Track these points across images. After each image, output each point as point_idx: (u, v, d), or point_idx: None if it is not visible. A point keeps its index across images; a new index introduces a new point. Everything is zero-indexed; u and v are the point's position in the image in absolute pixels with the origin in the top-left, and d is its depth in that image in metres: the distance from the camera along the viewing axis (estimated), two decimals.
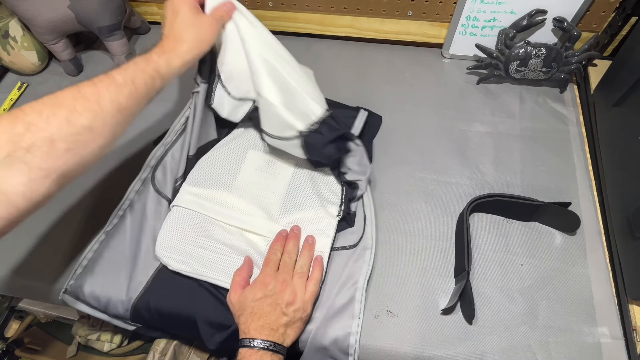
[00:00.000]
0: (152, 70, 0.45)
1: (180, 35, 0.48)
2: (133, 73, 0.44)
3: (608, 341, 0.48)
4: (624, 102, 0.57)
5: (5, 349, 0.91)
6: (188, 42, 0.48)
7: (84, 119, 0.39)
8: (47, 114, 0.37)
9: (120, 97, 0.42)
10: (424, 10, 0.71)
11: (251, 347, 0.43)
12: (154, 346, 0.65)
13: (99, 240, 0.55)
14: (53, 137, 0.37)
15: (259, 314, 0.46)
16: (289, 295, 0.47)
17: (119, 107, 0.42)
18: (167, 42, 0.48)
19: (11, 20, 0.73)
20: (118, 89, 0.42)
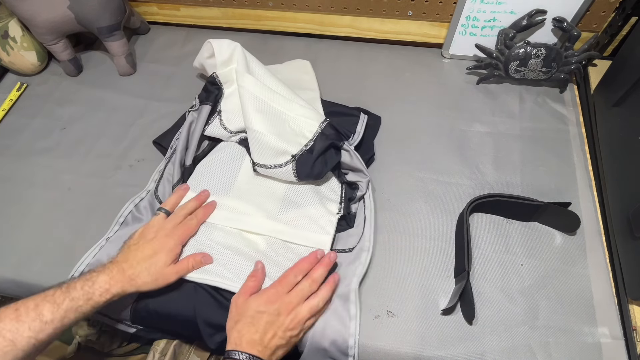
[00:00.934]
0: (89, 308, 0.45)
1: (137, 277, 0.48)
2: (65, 311, 0.43)
3: (608, 341, 0.48)
4: (624, 102, 0.57)
5: None
6: (139, 286, 0.48)
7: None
8: None
9: (40, 335, 0.41)
10: (424, 10, 0.71)
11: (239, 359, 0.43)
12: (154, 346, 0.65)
13: (100, 245, 0.55)
14: None
15: (256, 328, 0.45)
16: (292, 321, 0.46)
17: (36, 344, 0.41)
18: (120, 279, 0.47)
19: (11, 20, 0.73)
20: (42, 326, 0.41)
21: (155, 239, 0.51)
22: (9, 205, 0.62)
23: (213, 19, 0.83)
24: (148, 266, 0.48)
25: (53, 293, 0.44)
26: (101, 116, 0.73)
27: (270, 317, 0.46)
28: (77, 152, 0.68)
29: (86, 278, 0.46)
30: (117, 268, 0.47)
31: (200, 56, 0.68)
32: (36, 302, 0.42)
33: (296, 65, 0.75)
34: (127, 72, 0.78)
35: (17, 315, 0.41)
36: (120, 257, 0.49)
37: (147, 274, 0.48)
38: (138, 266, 0.48)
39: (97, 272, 0.47)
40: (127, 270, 0.47)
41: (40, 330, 0.41)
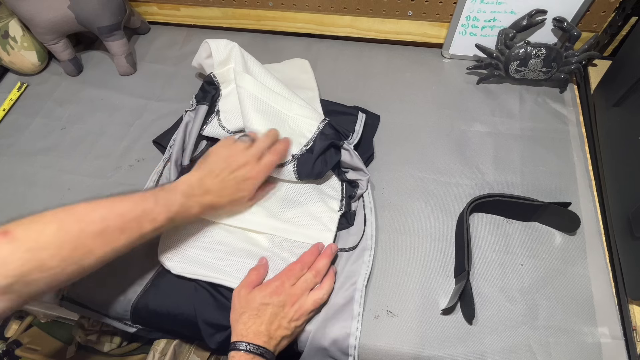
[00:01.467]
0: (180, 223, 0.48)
1: (221, 208, 0.52)
2: (160, 228, 0.45)
3: (608, 341, 0.48)
4: (624, 102, 0.57)
5: (5, 349, 0.91)
6: (218, 215, 0.54)
7: (94, 261, 0.40)
8: (63, 255, 0.37)
9: (136, 245, 0.44)
10: (424, 10, 0.71)
11: (247, 351, 0.43)
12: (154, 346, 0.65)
13: None
14: (57, 276, 0.37)
15: (262, 319, 0.46)
16: (296, 312, 0.47)
17: (129, 250, 0.43)
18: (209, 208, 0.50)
19: (11, 20, 0.73)
20: (140, 239, 0.44)
21: (239, 173, 0.51)
22: (9, 205, 0.62)
23: (213, 19, 0.83)
24: (232, 202, 0.52)
25: (153, 208, 0.44)
26: (101, 116, 0.73)
27: (275, 309, 0.46)
28: (77, 152, 0.68)
29: (183, 203, 0.47)
30: (208, 201, 0.50)
31: (199, 56, 0.68)
32: (138, 213, 0.43)
33: (295, 64, 0.75)
34: (127, 72, 0.78)
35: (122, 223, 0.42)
36: (209, 186, 0.50)
37: (230, 206, 0.52)
38: (223, 200, 0.51)
39: (188, 197, 0.48)
40: (216, 203, 0.50)
41: (136, 240, 0.44)
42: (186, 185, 0.49)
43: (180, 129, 0.63)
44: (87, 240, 0.39)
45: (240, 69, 0.62)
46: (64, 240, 0.38)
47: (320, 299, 0.49)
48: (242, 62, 0.62)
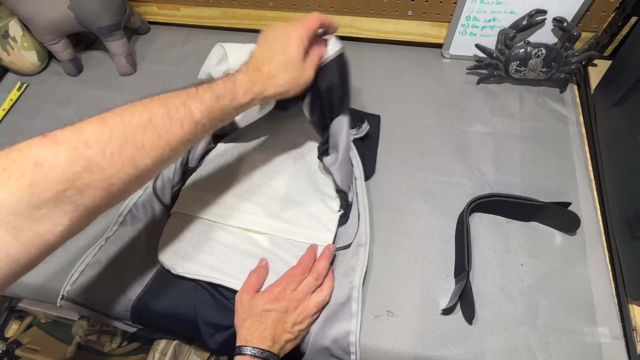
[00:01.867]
0: (232, 109, 0.42)
1: (275, 75, 0.44)
2: (211, 110, 0.39)
3: (608, 341, 0.48)
4: (624, 102, 0.57)
5: (5, 349, 0.91)
6: (280, 86, 0.44)
7: (149, 159, 0.35)
8: (112, 150, 0.33)
9: (190, 136, 0.38)
10: (424, 10, 0.71)
11: (252, 356, 0.43)
12: (154, 346, 0.65)
13: (100, 245, 0.55)
14: (112, 180, 0.33)
15: (265, 325, 0.46)
16: (299, 316, 0.47)
17: (186, 144, 0.38)
18: (259, 78, 0.43)
19: (11, 20, 0.73)
20: (193, 126, 0.38)
21: (280, 33, 0.45)
22: None
23: (213, 19, 0.83)
24: (284, 62, 0.44)
25: (196, 91, 0.39)
26: None
27: (278, 315, 0.46)
28: None
29: (225, 78, 0.42)
30: (253, 66, 0.43)
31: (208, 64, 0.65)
32: (182, 99, 0.38)
33: None
34: (127, 72, 0.78)
35: (167, 110, 0.36)
36: (253, 57, 0.45)
37: (285, 71, 0.44)
38: (273, 63, 0.43)
39: (233, 72, 0.43)
40: (263, 67, 0.43)
41: (190, 130, 0.38)
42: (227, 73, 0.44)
43: None
44: (135, 133, 0.35)
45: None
46: (109, 133, 0.34)
47: (323, 300, 0.49)
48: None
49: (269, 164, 0.62)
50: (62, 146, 0.31)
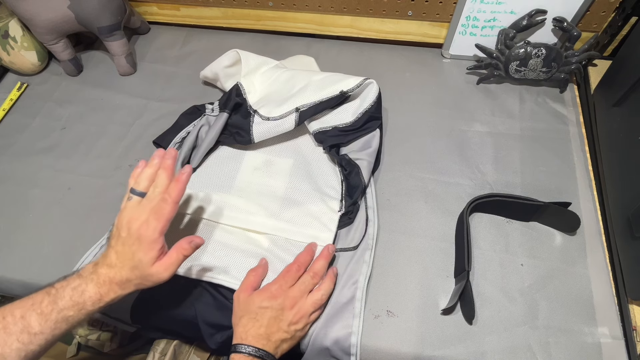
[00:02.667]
0: (81, 316, 0.41)
1: (125, 283, 0.43)
2: (55, 322, 0.40)
3: (608, 341, 0.48)
4: (624, 102, 0.57)
5: None
6: (136, 287, 0.44)
7: None
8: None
9: (30, 347, 0.39)
10: (424, 10, 0.71)
11: (247, 354, 0.43)
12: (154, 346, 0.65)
13: (100, 244, 0.55)
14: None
15: (260, 323, 0.45)
16: (295, 315, 0.47)
17: (28, 355, 0.39)
18: (110, 289, 0.42)
19: (11, 20, 0.73)
20: (31, 338, 0.39)
21: (129, 235, 0.43)
22: (9, 205, 0.62)
23: (213, 19, 0.83)
24: (133, 268, 0.43)
25: (40, 301, 0.40)
26: (101, 116, 0.73)
27: (274, 312, 0.46)
28: (77, 152, 0.68)
29: (74, 287, 0.41)
30: (104, 276, 0.43)
31: (218, 64, 0.68)
32: (22, 312, 0.39)
33: (302, 61, 0.76)
34: (127, 72, 0.78)
35: (4, 325, 0.38)
36: (104, 260, 0.44)
37: (135, 276, 0.43)
38: (123, 270, 0.43)
39: (84, 279, 0.42)
40: (115, 277, 0.43)
41: (29, 342, 0.39)
42: (84, 269, 0.44)
43: (193, 130, 0.64)
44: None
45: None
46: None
47: (319, 299, 0.48)
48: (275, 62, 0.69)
49: (269, 164, 0.62)
50: None
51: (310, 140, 0.65)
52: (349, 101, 0.62)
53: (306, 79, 0.64)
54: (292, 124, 0.60)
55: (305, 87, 0.62)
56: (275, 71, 0.67)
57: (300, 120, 0.60)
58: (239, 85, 0.65)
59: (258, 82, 0.67)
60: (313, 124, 0.62)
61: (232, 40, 0.82)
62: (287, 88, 0.64)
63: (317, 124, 0.61)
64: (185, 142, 0.62)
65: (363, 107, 0.60)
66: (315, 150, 0.64)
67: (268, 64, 0.68)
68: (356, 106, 0.62)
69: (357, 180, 0.57)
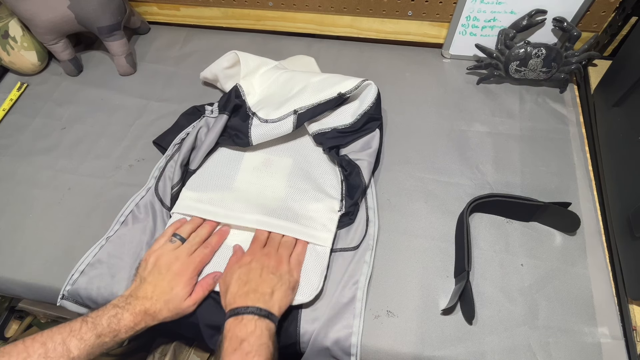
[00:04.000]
0: (113, 343, 0.45)
1: (158, 314, 0.47)
2: (91, 346, 0.43)
3: (608, 341, 0.48)
4: (624, 102, 0.57)
5: None
6: (162, 320, 0.48)
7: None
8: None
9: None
10: (424, 10, 0.71)
11: (236, 315, 0.43)
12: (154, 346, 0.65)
13: (100, 244, 0.56)
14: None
15: (245, 280, 0.46)
16: (275, 261, 0.49)
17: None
18: (143, 319, 0.46)
19: (11, 20, 0.73)
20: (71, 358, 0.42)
21: (170, 271, 0.49)
22: (9, 205, 0.62)
23: (213, 19, 0.83)
24: (167, 302, 0.47)
25: (79, 328, 0.43)
26: (101, 116, 0.73)
27: (256, 264, 0.48)
28: (77, 152, 0.68)
29: (112, 314, 0.45)
30: (140, 306, 0.46)
31: (218, 65, 0.68)
32: (63, 337, 0.42)
33: (302, 61, 0.76)
34: (127, 72, 0.78)
35: (45, 350, 0.41)
36: (141, 292, 0.48)
37: (167, 310, 0.47)
38: (158, 303, 0.47)
39: (120, 308, 0.46)
40: (150, 308, 0.47)
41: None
42: (119, 298, 0.48)
43: (192, 132, 0.64)
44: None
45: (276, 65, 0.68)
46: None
47: (291, 241, 0.53)
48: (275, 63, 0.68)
49: (269, 164, 0.62)
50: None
51: (310, 140, 0.65)
52: (347, 103, 0.62)
53: (305, 80, 0.64)
54: (290, 126, 0.60)
55: (304, 89, 0.62)
56: (275, 72, 0.67)
57: (299, 122, 0.60)
58: (238, 86, 0.65)
59: (257, 84, 0.67)
60: (312, 125, 0.62)
61: (232, 40, 0.82)
62: (286, 90, 0.64)
63: (316, 126, 0.61)
64: (185, 144, 0.62)
65: (362, 109, 0.60)
66: (315, 149, 0.64)
67: (267, 65, 0.68)
68: (355, 107, 0.62)
69: (358, 180, 0.57)
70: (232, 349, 0.40)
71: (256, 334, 0.41)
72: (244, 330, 0.41)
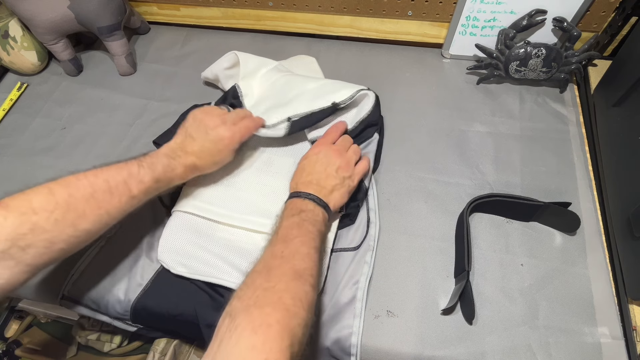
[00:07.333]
0: (166, 189, 0.49)
1: (205, 169, 0.53)
2: (148, 189, 0.46)
3: (608, 341, 0.48)
4: (624, 102, 0.57)
5: (5, 349, 0.91)
6: (205, 173, 0.54)
7: (89, 224, 0.41)
8: (56, 216, 0.38)
9: (127, 207, 0.45)
10: (424, 10, 0.71)
11: (297, 196, 0.46)
12: (154, 346, 0.65)
13: (100, 245, 0.56)
14: (54, 240, 0.38)
15: (309, 171, 0.49)
16: (342, 161, 0.51)
17: (124, 214, 0.45)
18: (193, 172, 0.51)
19: (11, 20, 0.73)
20: (131, 201, 0.45)
21: (216, 133, 0.51)
22: None
23: (213, 19, 0.83)
24: (215, 163, 0.52)
25: (138, 171, 0.45)
26: (101, 116, 0.73)
27: (320, 159, 0.51)
28: (77, 152, 0.68)
29: (165, 164, 0.48)
30: (190, 161, 0.50)
31: (218, 66, 0.68)
32: (124, 177, 0.44)
33: (303, 61, 0.76)
34: (127, 72, 0.78)
35: (109, 187, 0.43)
36: (189, 148, 0.51)
37: (215, 166, 0.53)
38: (206, 162, 0.51)
39: (173, 160, 0.49)
40: (199, 165, 0.51)
41: (127, 203, 0.44)
42: (168, 149, 0.50)
43: None
44: (78, 203, 0.40)
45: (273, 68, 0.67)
46: (55, 203, 0.39)
47: (359, 149, 0.55)
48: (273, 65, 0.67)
49: (270, 164, 0.62)
50: (11, 212, 0.36)
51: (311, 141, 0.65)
52: (345, 110, 0.62)
53: (301, 86, 0.63)
54: (282, 132, 0.60)
55: (299, 96, 0.62)
56: (274, 75, 0.67)
57: (292, 129, 0.60)
58: (236, 87, 0.65)
59: (256, 85, 0.66)
60: (311, 133, 0.62)
61: (232, 40, 0.82)
62: (282, 95, 0.64)
63: (315, 132, 0.61)
64: None
65: (360, 117, 0.60)
66: None
67: (267, 66, 0.68)
68: (353, 115, 0.62)
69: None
70: (290, 214, 0.45)
71: (314, 212, 0.46)
72: (304, 205, 0.46)
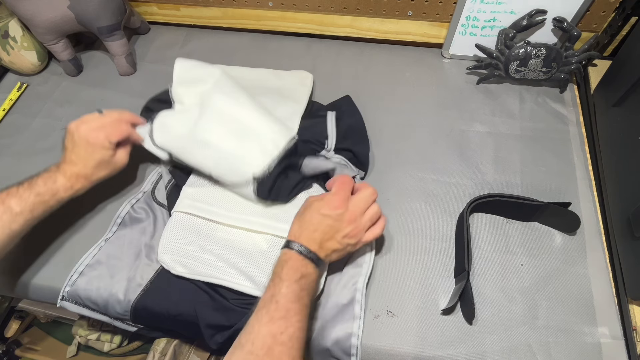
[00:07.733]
0: (55, 202, 0.50)
1: (92, 175, 0.53)
2: (32, 204, 0.48)
3: (608, 341, 0.48)
4: (624, 102, 0.57)
5: (5, 349, 0.91)
6: (99, 180, 0.54)
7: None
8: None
9: (13, 225, 0.46)
10: (424, 10, 0.71)
11: (298, 252, 0.45)
12: (154, 346, 0.65)
13: (99, 246, 0.56)
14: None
15: (316, 227, 0.47)
16: (352, 230, 0.47)
17: (10, 234, 0.46)
18: (78, 180, 0.52)
19: (11, 20, 0.73)
20: (13, 217, 0.46)
21: (83, 134, 0.52)
22: None
23: (213, 19, 0.83)
24: (96, 166, 0.52)
25: (17, 190, 0.48)
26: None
27: (332, 222, 0.47)
28: None
29: (46, 177, 0.50)
30: (70, 171, 0.51)
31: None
32: (1, 197, 0.46)
33: (297, 75, 0.73)
34: (127, 72, 0.78)
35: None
36: (67, 158, 0.52)
37: (103, 171, 0.54)
38: (85, 166, 0.52)
39: (52, 173, 0.51)
40: (81, 172, 0.52)
41: (12, 220, 0.46)
42: (54, 165, 0.53)
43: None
44: None
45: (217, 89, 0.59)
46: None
47: (376, 213, 0.49)
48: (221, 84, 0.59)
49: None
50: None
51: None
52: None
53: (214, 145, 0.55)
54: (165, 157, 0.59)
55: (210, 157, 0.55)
56: (193, 110, 0.59)
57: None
58: (169, 92, 0.62)
59: (187, 97, 0.61)
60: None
61: (232, 40, 0.82)
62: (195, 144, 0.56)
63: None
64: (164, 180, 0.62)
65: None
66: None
67: (205, 83, 0.60)
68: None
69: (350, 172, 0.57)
70: (292, 276, 0.44)
71: (312, 276, 0.45)
72: (305, 269, 0.44)
